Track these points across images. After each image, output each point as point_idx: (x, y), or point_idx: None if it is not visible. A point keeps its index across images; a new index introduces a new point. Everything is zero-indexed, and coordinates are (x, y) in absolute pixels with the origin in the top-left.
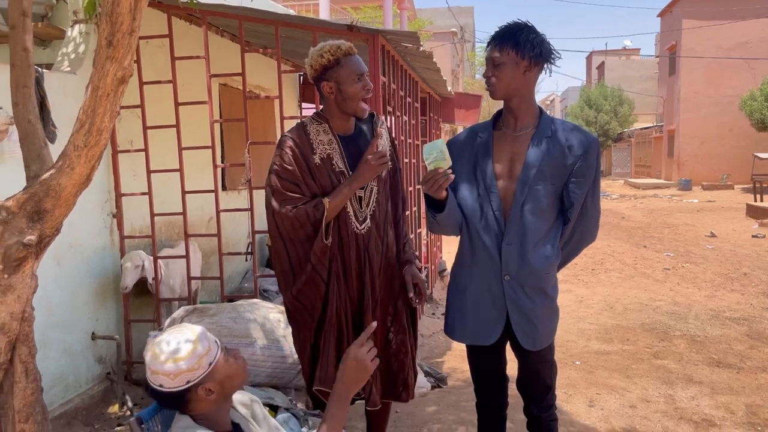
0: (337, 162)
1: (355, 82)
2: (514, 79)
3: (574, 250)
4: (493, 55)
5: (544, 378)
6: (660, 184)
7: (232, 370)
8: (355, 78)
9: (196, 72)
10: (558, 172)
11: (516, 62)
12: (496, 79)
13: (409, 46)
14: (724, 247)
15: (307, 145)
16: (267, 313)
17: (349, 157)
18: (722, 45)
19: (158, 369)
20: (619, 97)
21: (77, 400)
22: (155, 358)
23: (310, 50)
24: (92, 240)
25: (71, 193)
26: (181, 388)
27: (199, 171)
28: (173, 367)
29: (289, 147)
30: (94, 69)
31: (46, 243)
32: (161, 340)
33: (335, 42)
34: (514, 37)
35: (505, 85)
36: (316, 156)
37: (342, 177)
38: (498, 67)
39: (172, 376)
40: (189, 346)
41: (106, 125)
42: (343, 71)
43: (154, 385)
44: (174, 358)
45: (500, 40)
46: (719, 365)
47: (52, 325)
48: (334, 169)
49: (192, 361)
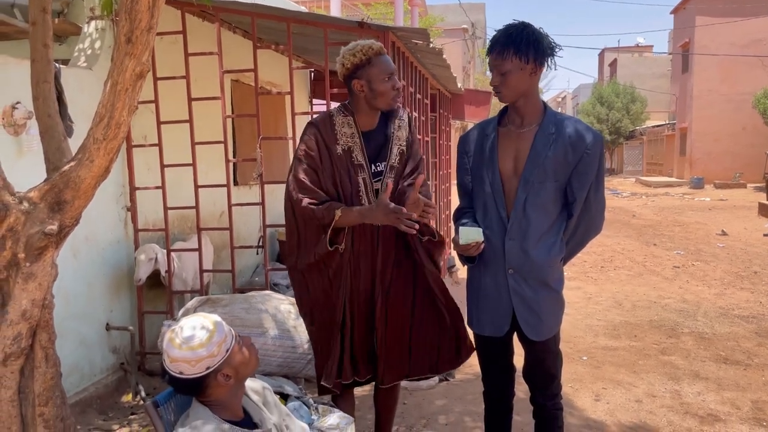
0: (357, 155)
1: (384, 81)
2: (522, 83)
3: (579, 244)
4: (497, 63)
5: (548, 367)
6: (672, 182)
7: (245, 357)
8: (385, 77)
9: (208, 68)
10: (561, 168)
11: (521, 68)
12: (504, 87)
13: (419, 42)
14: (735, 246)
15: (331, 135)
16: (278, 305)
17: (368, 150)
18: (736, 42)
19: (178, 356)
20: (631, 95)
21: (92, 389)
22: (175, 346)
23: (342, 49)
24: (107, 233)
25: (90, 185)
26: (201, 374)
27: (211, 166)
28: (193, 354)
29: (313, 133)
30: (113, 64)
31: (66, 233)
32: (181, 328)
33: (367, 42)
34: (514, 43)
35: (513, 91)
36: (338, 146)
37: (360, 170)
38: (504, 75)
39: (192, 363)
40: (207, 334)
41: (124, 119)
42: (374, 70)
43: (174, 372)
44: (194, 345)
45: (501, 48)
46: (726, 362)
47: (69, 315)
48: (353, 161)
49: (211, 347)
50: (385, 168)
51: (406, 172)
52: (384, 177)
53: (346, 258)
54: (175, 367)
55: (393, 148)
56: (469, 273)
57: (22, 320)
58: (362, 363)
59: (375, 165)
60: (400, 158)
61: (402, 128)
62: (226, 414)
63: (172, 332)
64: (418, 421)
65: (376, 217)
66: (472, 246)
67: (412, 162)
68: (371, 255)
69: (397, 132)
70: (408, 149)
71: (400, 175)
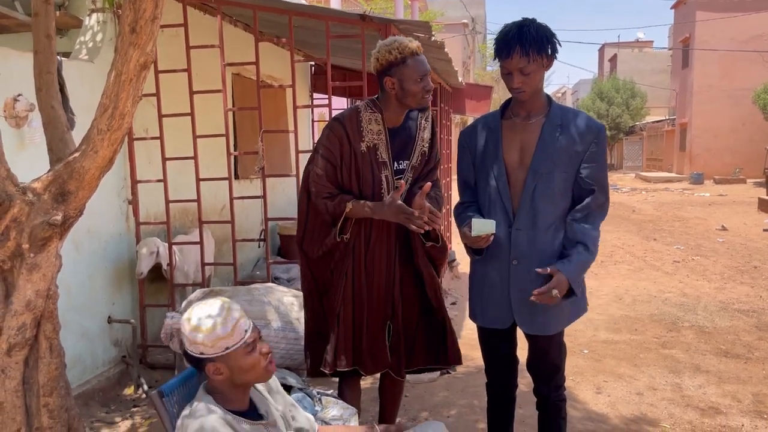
0: (381, 152)
1: (417, 82)
2: (541, 80)
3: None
4: (521, 65)
5: (552, 358)
6: (671, 177)
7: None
8: (417, 78)
9: (209, 61)
10: (569, 159)
11: (543, 65)
12: (528, 87)
13: (421, 36)
14: (735, 241)
15: (356, 132)
16: (281, 297)
17: (393, 148)
18: (736, 37)
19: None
20: (631, 90)
21: (94, 381)
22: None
23: (379, 43)
24: (109, 226)
25: (94, 175)
26: (221, 353)
27: (213, 160)
28: (211, 336)
29: (337, 130)
30: (117, 55)
31: (70, 224)
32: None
33: (404, 40)
34: (535, 42)
35: (534, 89)
36: (363, 144)
37: (384, 167)
38: (528, 75)
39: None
40: (238, 313)
41: (128, 110)
42: (408, 70)
43: (194, 353)
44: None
45: (524, 49)
46: (727, 355)
47: (71, 308)
48: (378, 159)
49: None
50: (407, 167)
51: (423, 174)
52: (405, 175)
53: (360, 251)
54: (195, 349)
55: (416, 148)
56: (472, 266)
57: (26, 311)
58: (368, 357)
59: (398, 163)
60: (422, 159)
61: (426, 129)
62: (231, 404)
63: (189, 313)
64: (420, 413)
65: (385, 215)
66: (483, 238)
67: (430, 163)
68: (387, 249)
69: (422, 132)
70: (429, 150)
71: (419, 173)
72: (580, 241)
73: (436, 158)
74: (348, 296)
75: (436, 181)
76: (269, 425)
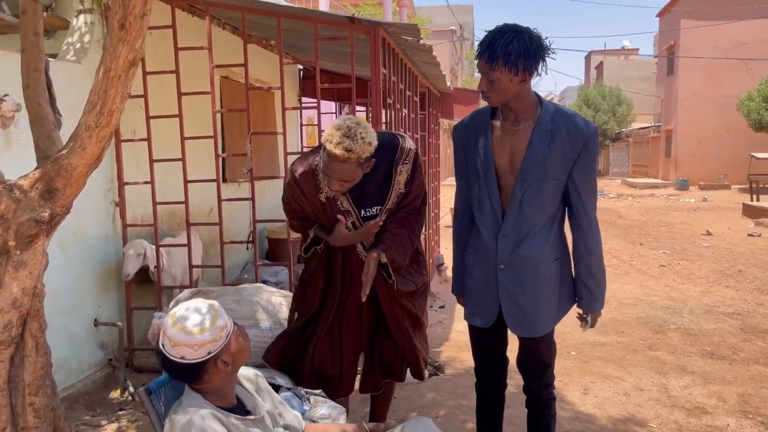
0: (342, 202)
1: (329, 177)
2: (511, 90)
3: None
4: (485, 71)
5: (542, 356)
6: (657, 183)
7: (242, 344)
8: (328, 175)
9: (197, 64)
10: (560, 165)
11: (510, 78)
12: (493, 94)
13: (409, 39)
14: (720, 245)
15: (312, 186)
16: (270, 297)
17: (355, 195)
18: (720, 45)
19: (182, 340)
20: (617, 97)
21: (80, 384)
22: (178, 329)
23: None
24: (95, 228)
25: (82, 173)
26: (202, 359)
27: (200, 162)
28: (198, 338)
29: (292, 185)
30: (106, 51)
31: (57, 221)
32: (186, 309)
33: (337, 138)
34: (504, 54)
35: (503, 97)
36: (322, 195)
37: (347, 215)
38: (492, 83)
39: (196, 347)
40: (211, 318)
41: (117, 106)
42: (324, 161)
43: (175, 357)
44: (200, 328)
45: (489, 57)
46: (712, 357)
47: (57, 310)
48: (339, 208)
49: (215, 332)
50: (379, 212)
51: (402, 206)
52: (380, 216)
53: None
54: (176, 352)
55: (392, 193)
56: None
57: (12, 309)
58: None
59: (367, 210)
60: (398, 200)
61: (403, 172)
62: (219, 401)
63: (174, 315)
64: (409, 413)
65: (337, 243)
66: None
67: (408, 197)
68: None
69: (398, 177)
70: (409, 187)
71: (391, 212)
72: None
73: (420, 190)
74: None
75: (417, 209)
76: (257, 421)
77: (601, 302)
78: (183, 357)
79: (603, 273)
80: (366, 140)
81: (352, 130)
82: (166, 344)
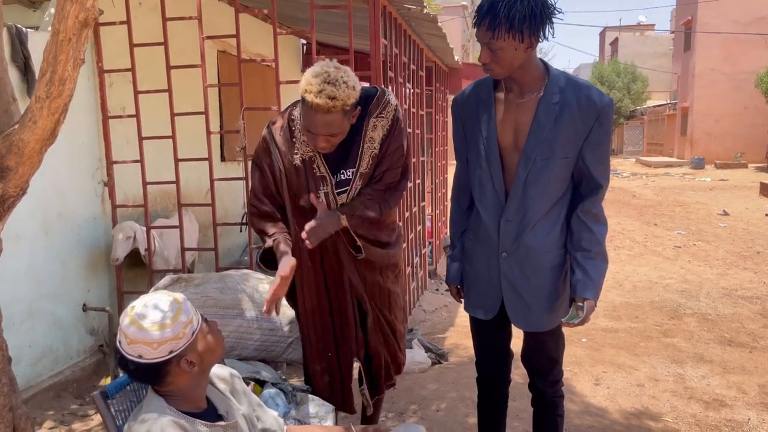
0: (318, 166)
1: (306, 130)
2: (516, 60)
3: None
4: (486, 40)
5: (549, 351)
6: (672, 162)
7: (211, 343)
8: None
9: (192, 37)
10: (570, 142)
11: (515, 47)
12: (495, 65)
13: (412, 8)
14: (737, 226)
15: (288, 143)
16: (257, 284)
17: (330, 158)
18: (739, 20)
19: (138, 337)
20: (632, 74)
21: (67, 372)
22: (135, 325)
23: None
24: (83, 209)
25: (35, 149)
26: (163, 358)
27: (196, 139)
28: (157, 334)
29: (265, 141)
30: (55, 12)
31: (11, 203)
32: (143, 305)
33: (317, 85)
34: (507, 18)
35: (507, 68)
36: (296, 156)
37: (323, 182)
38: (495, 53)
39: (155, 345)
40: (173, 313)
41: (69, 74)
42: (303, 110)
43: (132, 356)
44: (159, 324)
45: (491, 23)
46: (731, 344)
47: (41, 296)
48: (314, 173)
49: (177, 328)
50: (353, 175)
51: (375, 177)
52: (351, 185)
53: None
54: (133, 350)
55: (364, 152)
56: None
57: None
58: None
59: (339, 174)
60: (373, 162)
61: (378, 128)
62: (186, 405)
63: (131, 309)
64: (408, 406)
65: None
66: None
67: (383, 166)
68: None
69: (371, 132)
70: (383, 150)
71: (368, 177)
72: (591, 249)
73: (397, 158)
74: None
75: (396, 183)
76: (228, 427)
77: (596, 290)
78: (141, 356)
79: (603, 258)
80: (350, 84)
81: (332, 75)
82: (122, 341)
